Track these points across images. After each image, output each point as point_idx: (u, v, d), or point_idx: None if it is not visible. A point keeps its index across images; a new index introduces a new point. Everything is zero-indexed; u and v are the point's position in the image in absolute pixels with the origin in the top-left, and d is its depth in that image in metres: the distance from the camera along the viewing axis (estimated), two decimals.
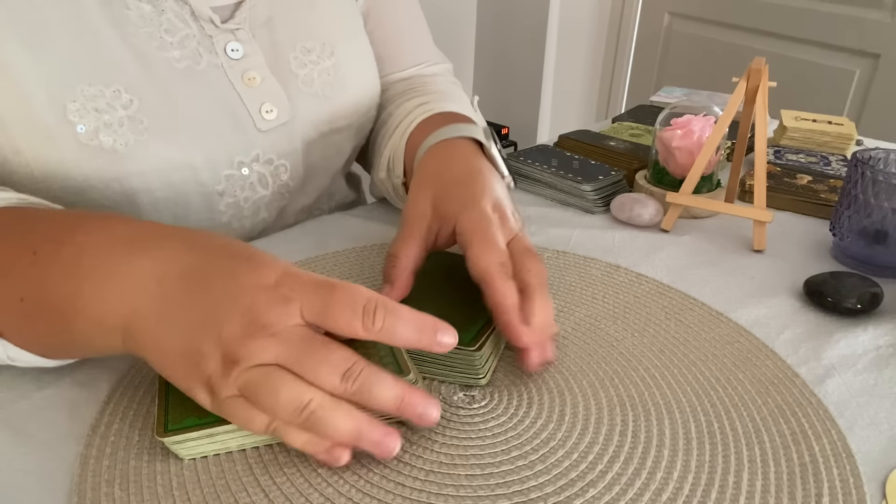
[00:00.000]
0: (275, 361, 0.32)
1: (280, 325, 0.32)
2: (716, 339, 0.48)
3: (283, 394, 0.32)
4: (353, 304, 0.33)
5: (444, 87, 0.70)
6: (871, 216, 0.57)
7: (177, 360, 0.33)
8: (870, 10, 1.69)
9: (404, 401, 0.34)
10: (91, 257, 0.35)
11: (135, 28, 0.49)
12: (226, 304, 0.33)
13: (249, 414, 0.33)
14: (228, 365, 0.32)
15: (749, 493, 0.35)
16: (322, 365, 0.32)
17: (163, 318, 0.34)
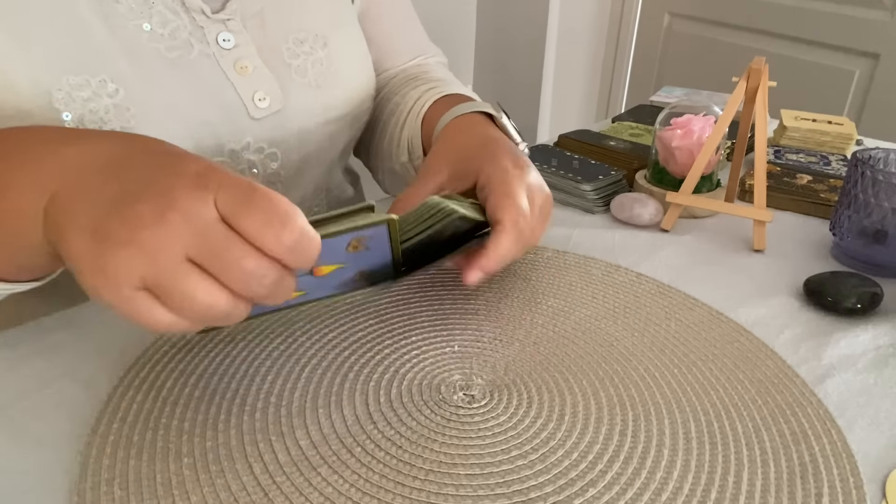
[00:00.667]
0: (184, 253, 0.30)
1: (193, 211, 0.30)
2: (716, 339, 0.48)
3: (198, 298, 0.30)
4: (270, 211, 0.30)
5: (446, 74, 0.72)
6: (871, 216, 0.57)
7: (84, 246, 0.30)
8: (870, 10, 1.69)
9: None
10: (16, 143, 0.35)
11: (123, 20, 0.49)
12: (142, 186, 0.31)
13: (154, 311, 0.30)
14: (135, 255, 0.29)
15: (749, 493, 0.35)
16: (234, 269, 0.30)
17: (77, 199, 0.32)
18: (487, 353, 0.46)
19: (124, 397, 0.40)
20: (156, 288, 0.30)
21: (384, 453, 0.37)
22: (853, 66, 1.75)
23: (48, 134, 0.37)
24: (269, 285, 0.31)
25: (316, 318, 0.49)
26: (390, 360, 0.45)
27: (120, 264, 0.29)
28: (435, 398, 0.41)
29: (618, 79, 2.35)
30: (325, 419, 0.39)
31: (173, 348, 0.45)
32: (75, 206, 0.32)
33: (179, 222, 0.30)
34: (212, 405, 0.40)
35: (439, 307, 0.51)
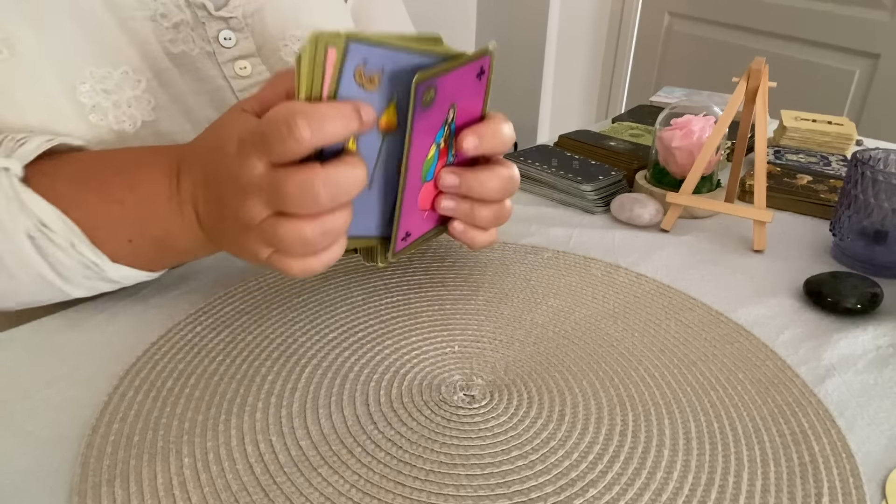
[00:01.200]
0: (265, 211, 0.37)
1: (248, 179, 0.36)
2: (716, 339, 0.48)
3: (287, 239, 0.37)
4: (279, 131, 0.34)
5: None
6: (871, 216, 0.57)
7: (233, 240, 0.41)
8: (870, 10, 1.69)
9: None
10: (162, 204, 0.43)
11: (131, 11, 0.50)
12: (231, 204, 0.38)
13: (285, 263, 0.38)
14: (246, 230, 0.38)
15: (749, 493, 0.35)
16: (288, 197, 0.35)
17: (211, 218, 0.42)
18: (487, 353, 0.46)
19: (124, 397, 0.40)
20: (271, 247, 0.38)
21: (384, 453, 0.37)
22: (853, 66, 1.75)
23: (161, 185, 0.44)
24: (323, 185, 0.35)
25: (316, 318, 0.49)
26: (390, 360, 0.45)
27: (243, 246, 0.40)
28: (435, 398, 0.41)
29: (618, 79, 2.35)
30: (325, 419, 0.39)
31: (173, 348, 0.45)
32: (214, 223, 0.42)
33: (253, 197, 0.37)
34: (212, 405, 0.40)
35: (439, 307, 0.51)
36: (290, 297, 0.51)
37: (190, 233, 0.43)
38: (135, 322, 0.48)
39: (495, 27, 2.25)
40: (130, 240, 0.44)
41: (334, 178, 0.35)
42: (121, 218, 0.43)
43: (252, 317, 0.49)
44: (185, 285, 0.53)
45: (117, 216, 0.43)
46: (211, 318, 0.48)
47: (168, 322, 0.48)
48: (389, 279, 0.54)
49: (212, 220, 0.42)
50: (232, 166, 0.37)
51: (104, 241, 0.43)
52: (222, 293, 0.51)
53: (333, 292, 0.52)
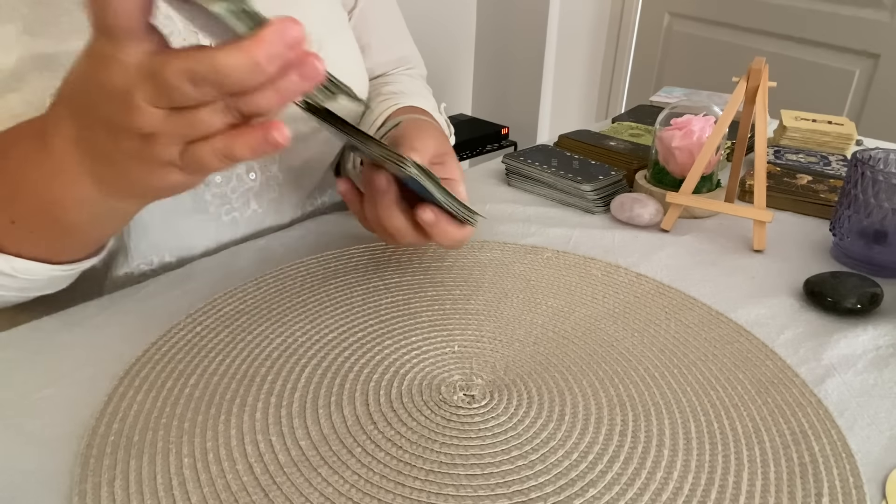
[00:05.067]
0: (176, 137, 0.33)
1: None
2: (716, 339, 0.48)
3: (207, 160, 0.33)
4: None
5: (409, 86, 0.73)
6: (871, 216, 0.57)
7: (130, 168, 0.36)
8: (870, 10, 1.69)
9: (256, 53, 0.30)
10: (33, 173, 0.39)
11: None
12: (111, 132, 0.34)
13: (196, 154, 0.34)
14: (145, 142, 0.33)
15: (749, 493, 0.35)
16: (173, 94, 0.31)
17: (98, 164, 0.37)
18: (487, 353, 0.46)
19: (124, 397, 0.40)
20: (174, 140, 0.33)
21: (384, 453, 0.37)
22: (853, 66, 1.75)
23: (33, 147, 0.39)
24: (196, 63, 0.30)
25: (316, 318, 0.49)
26: (390, 360, 0.45)
27: (147, 166, 0.35)
28: (435, 398, 0.41)
29: (618, 79, 2.35)
30: (325, 419, 0.39)
31: (173, 349, 0.45)
32: (97, 166, 0.37)
33: (130, 95, 0.32)
34: (212, 405, 0.40)
35: (439, 307, 0.51)
36: (290, 297, 0.51)
37: (76, 192, 0.38)
38: (135, 322, 0.48)
39: (495, 27, 2.25)
40: (13, 220, 0.40)
41: (209, 62, 0.30)
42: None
43: (252, 317, 0.49)
44: (185, 285, 0.53)
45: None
46: (211, 318, 0.48)
47: (168, 322, 0.48)
48: (389, 279, 0.54)
49: (101, 161, 0.37)
50: (94, 73, 0.33)
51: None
52: (222, 293, 0.51)
53: (333, 292, 0.52)
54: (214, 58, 0.30)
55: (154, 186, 0.36)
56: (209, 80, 0.30)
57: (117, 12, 0.30)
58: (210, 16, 0.30)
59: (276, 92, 0.31)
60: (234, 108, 0.32)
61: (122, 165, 0.36)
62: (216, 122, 0.33)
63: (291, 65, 0.31)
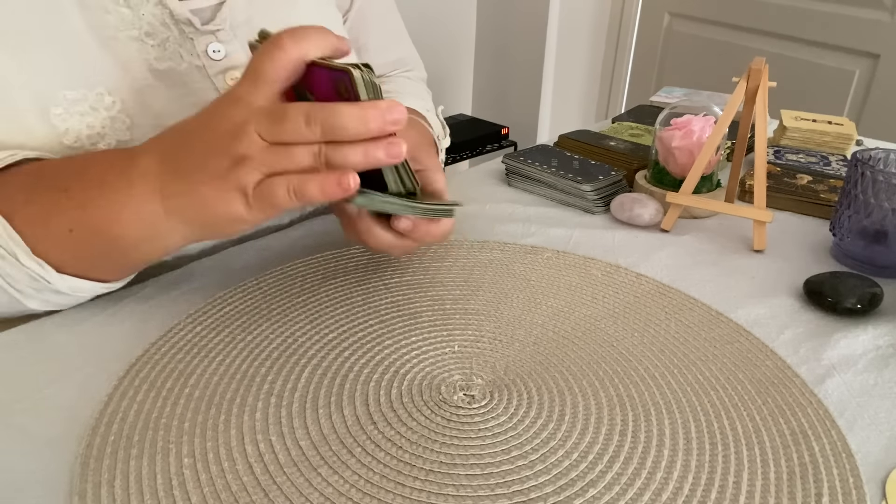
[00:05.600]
0: (264, 166, 0.38)
1: (242, 113, 0.38)
2: (716, 339, 0.48)
3: (278, 192, 0.38)
4: (266, 50, 0.38)
5: (405, 87, 0.73)
6: (871, 216, 0.57)
7: (205, 190, 0.39)
8: (870, 10, 1.69)
9: (368, 116, 0.37)
10: (110, 181, 0.42)
11: (114, 31, 0.49)
12: (207, 153, 0.39)
13: (272, 186, 0.38)
14: (235, 165, 0.38)
15: (749, 493, 0.35)
16: (285, 127, 0.37)
17: (174, 181, 0.40)
18: (487, 353, 0.46)
19: (124, 397, 0.40)
20: (261, 171, 0.38)
21: (384, 453, 0.37)
22: (853, 66, 1.75)
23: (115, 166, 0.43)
24: (317, 112, 0.37)
25: (316, 318, 0.49)
26: (390, 360, 0.45)
27: (221, 190, 0.39)
28: (435, 398, 0.41)
29: (618, 79, 2.35)
30: (325, 419, 0.39)
31: (173, 348, 0.45)
32: (181, 191, 0.40)
33: (244, 127, 0.38)
34: (212, 405, 0.40)
35: (439, 307, 0.51)
36: (290, 297, 0.51)
37: (141, 206, 0.41)
38: (135, 322, 0.48)
39: (495, 27, 2.25)
40: (71, 229, 0.42)
41: (329, 109, 0.37)
42: (64, 205, 0.42)
43: (252, 317, 0.49)
44: (185, 285, 0.53)
45: (61, 203, 0.42)
46: (211, 318, 0.48)
47: (168, 322, 0.48)
48: (389, 279, 0.54)
49: (177, 178, 0.40)
50: (221, 109, 0.39)
51: (45, 238, 0.42)
52: (222, 293, 0.51)
53: (333, 292, 0.52)
54: (334, 106, 0.37)
55: (215, 210, 0.39)
56: (322, 123, 0.36)
57: (277, 64, 0.37)
58: (351, 80, 0.37)
59: (364, 152, 0.37)
60: (325, 155, 0.37)
61: (197, 183, 0.39)
62: (304, 161, 0.37)
63: (384, 139, 0.38)
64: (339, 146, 0.37)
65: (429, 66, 0.83)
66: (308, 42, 0.38)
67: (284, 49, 0.37)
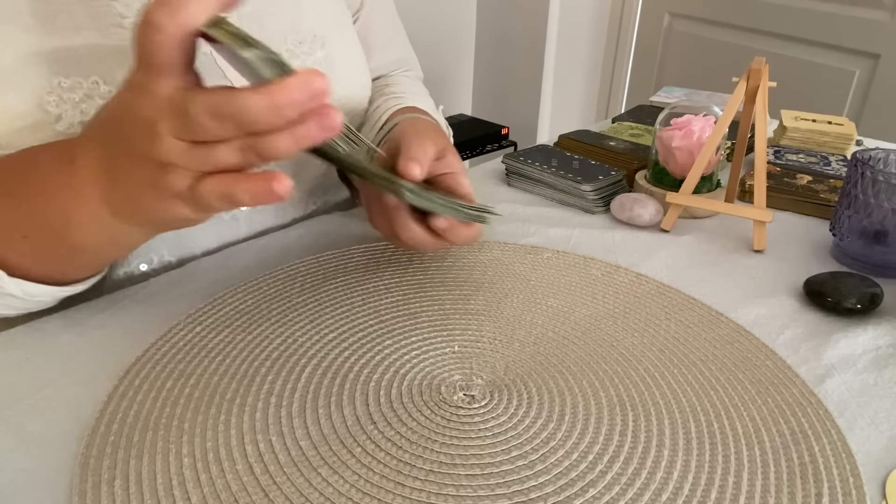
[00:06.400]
0: (189, 170, 0.35)
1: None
2: (716, 339, 0.48)
3: (210, 200, 0.35)
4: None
5: (408, 87, 0.73)
6: (871, 216, 0.57)
7: (144, 196, 0.37)
8: (870, 10, 1.69)
9: (279, 102, 0.32)
10: (54, 190, 0.41)
11: (118, 18, 0.49)
12: (132, 158, 0.36)
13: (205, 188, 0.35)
14: (161, 171, 0.35)
15: (749, 493, 0.35)
16: (195, 127, 0.33)
17: (116, 181, 0.38)
18: (487, 353, 0.46)
19: (124, 397, 0.40)
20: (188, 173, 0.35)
21: (384, 453, 0.37)
22: (853, 66, 1.75)
23: (54, 167, 0.41)
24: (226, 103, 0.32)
25: (316, 318, 0.49)
26: (390, 360, 0.45)
27: (160, 196, 0.36)
28: (435, 398, 0.41)
29: (618, 79, 2.35)
30: (325, 419, 0.39)
31: (173, 349, 0.45)
32: (116, 189, 0.38)
33: (157, 125, 0.34)
34: (212, 405, 0.40)
35: (440, 307, 0.51)
36: (290, 297, 0.51)
37: (90, 214, 0.40)
38: (135, 322, 0.48)
39: (495, 27, 2.25)
40: (25, 235, 0.41)
41: (233, 101, 0.32)
42: (13, 212, 0.41)
43: (252, 317, 0.49)
44: (185, 285, 0.53)
45: (10, 210, 0.41)
46: (211, 318, 0.48)
47: (168, 322, 0.48)
48: (389, 279, 0.54)
49: (117, 184, 0.38)
50: (128, 101, 0.36)
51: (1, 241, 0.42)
52: (222, 293, 0.51)
53: (333, 292, 0.52)
54: (237, 96, 0.32)
55: (161, 216, 0.38)
56: (230, 117, 0.32)
57: (160, 47, 0.33)
58: (242, 61, 0.33)
59: (292, 137, 0.33)
60: (251, 148, 0.33)
61: (135, 191, 0.37)
62: (230, 160, 0.34)
63: (311, 113, 0.32)
64: (263, 137, 0.33)
65: (429, 66, 0.83)
66: (185, 8, 0.32)
67: (159, 26, 0.32)
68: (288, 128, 0.33)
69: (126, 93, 0.36)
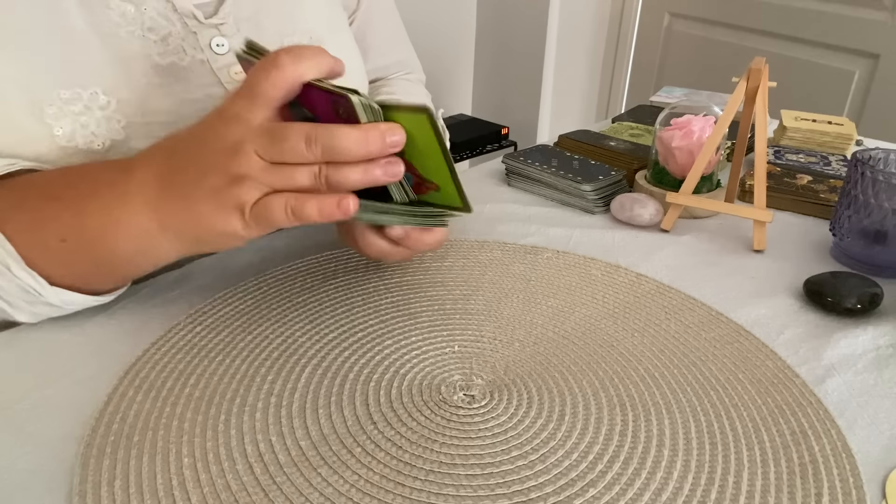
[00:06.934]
0: (263, 185, 0.37)
1: (241, 131, 0.38)
2: (716, 339, 0.48)
3: (276, 211, 0.38)
4: (263, 68, 0.37)
5: (408, 87, 0.73)
6: (871, 216, 0.57)
7: (205, 218, 0.39)
8: (870, 10, 1.69)
9: (369, 138, 0.37)
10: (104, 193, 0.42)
11: (115, 27, 0.49)
12: (205, 170, 0.39)
13: (270, 204, 0.38)
14: (233, 183, 0.38)
15: (749, 493, 0.35)
16: (284, 147, 0.37)
17: (171, 197, 0.40)
18: (487, 353, 0.46)
19: (124, 397, 0.40)
20: (261, 189, 0.38)
21: (384, 453, 0.37)
22: (853, 66, 1.75)
23: (109, 177, 0.43)
24: (317, 134, 0.37)
25: (316, 318, 0.49)
26: (390, 360, 0.45)
27: (220, 205, 0.38)
28: (435, 398, 0.41)
29: (618, 79, 2.35)
30: (325, 419, 0.39)
31: (173, 348, 0.45)
32: (175, 204, 0.40)
33: (242, 146, 0.37)
34: (212, 405, 0.40)
35: (440, 307, 0.51)
36: (290, 297, 0.51)
37: (134, 221, 0.41)
38: (135, 322, 0.48)
39: (495, 27, 2.25)
40: (64, 239, 0.42)
41: (330, 131, 0.36)
42: (57, 214, 0.42)
43: (252, 317, 0.49)
44: (185, 285, 0.53)
45: (54, 213, 0.42)
46: (211, 318, 0.48)
47: (168, 322, 0.48)
48: (389, 279, 0.54)
49: (174, 194, 0.40)
50: (217, 126, 0.38)
51: (36, 246, 0.42)
52: (222, 293, 0.51)
53: (333, 292, 0.52)
54: (334, 127, 0.37)
55: (211, 228, 0.39)
56: (322, 144, 0.36)
57: (274, 83, 0.37)
58: (347, 104, 0.37)
59: (363, 172, 0.38)
60: (325, 175, 0.37)
61: (194, 201, 0.39)
62: (304, 181, 0.37)
63: (383, 158, 0.38)
64: (339, 166, 0.37)
65: (429, 67, 0.83)
66: (305, 62, 0.38)
67: (282, 69, 0.37)
68: (362, 164, 0.37)
69: (216, 119, 0.39)
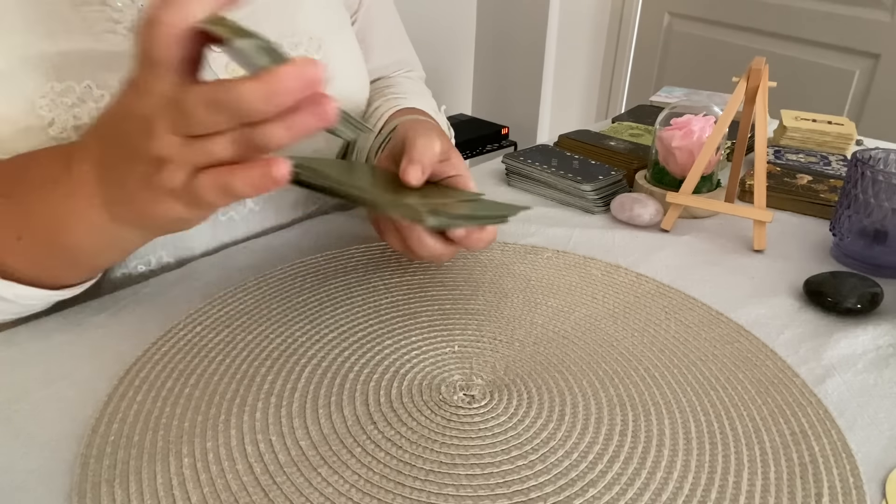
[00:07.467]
0: (186, 164, 0.34)
1: (147, 103, 0.34)
2: (716, 339, 0.48)
3: (206, 194, 0.34)
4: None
5: (411, 87, 0.73)
6: (871, 216, 0.57)
7: (141, 194, 0.37)
8: (870, 10, 1.69)
9: (273, 89, 0.31)
10: (49, 190, 0.41)
11: (111, 24, 0.49)
12: (129, 157, 0.36)
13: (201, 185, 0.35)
14: (157, 167, 0.35)
15: (749, 493, 0.35)
16: (190, 120, 0.33)
17: (112, 183, 0.38)
18: (487, 353, 0.46)
19: (124, 397, 0.40)
20: (184, 168, 0.35)
21: (384, 453, 0.37)
22: (853, 66, 1.75)
23: (49, 171, 0.42)
24: (225, 94, 0.32)
25: (316, 318, 0.49)
26: (390, 360, 0.45)
27: (156, 194, 0.36)
28: (435, 398, 0.41)
29: (618, 79, 2.35)
30: (325, 419, 0.39)
31: (173, 349, 0.45)
32: (111, 190, 0.38)
33: (154, 122, 0.34)
34: (212, 405, 0.40)
35: (439, 307, 0.51)
36: (290, 297, 0.51)
37: (85, 215, 0.40)
38: (135, 322, 0.48)
39: (495, 27, 2.25)
40: (19, 237, 0.41)
41: (229, 90, 0.31)
42: (9, 211, 0.41)
43: (252, 317, 0.49)
44: (185, 285, 0.53)
45: (6, 210, 0.41)
46: (211, 318, 0.48)
47: (168, 322, 0.48)
48: (389, 279, 0.54)
49: (114, 186, 0.38)
50: (129, 103, 0.36)
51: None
52: (222, 293, 0.51)
53: (333, 292, 0.52)
54: (232, 86, 0.31)
55: (156, 217, 0.37)
56: (225, 107, 0.32)
57: (158, 43, 0.33)
58: (238, 52, 0.33)
59: (287, 127, 0.32)
60: (246, 140, 0.33)
61: (131, 192, 0.37)
62: (226, 152, 0.33)
63: (306, 102, 0.32)
64: (258, 127, 0.32)
65: (429, 66, 0.83)
66: (184, 5, 0.32)
67: (160, 22, 0.32)
68: (282, 117, 0.32)
69: (128, 94, 0.36)
